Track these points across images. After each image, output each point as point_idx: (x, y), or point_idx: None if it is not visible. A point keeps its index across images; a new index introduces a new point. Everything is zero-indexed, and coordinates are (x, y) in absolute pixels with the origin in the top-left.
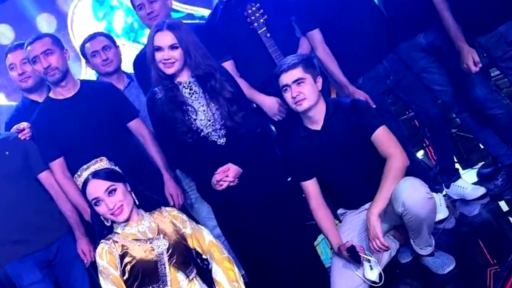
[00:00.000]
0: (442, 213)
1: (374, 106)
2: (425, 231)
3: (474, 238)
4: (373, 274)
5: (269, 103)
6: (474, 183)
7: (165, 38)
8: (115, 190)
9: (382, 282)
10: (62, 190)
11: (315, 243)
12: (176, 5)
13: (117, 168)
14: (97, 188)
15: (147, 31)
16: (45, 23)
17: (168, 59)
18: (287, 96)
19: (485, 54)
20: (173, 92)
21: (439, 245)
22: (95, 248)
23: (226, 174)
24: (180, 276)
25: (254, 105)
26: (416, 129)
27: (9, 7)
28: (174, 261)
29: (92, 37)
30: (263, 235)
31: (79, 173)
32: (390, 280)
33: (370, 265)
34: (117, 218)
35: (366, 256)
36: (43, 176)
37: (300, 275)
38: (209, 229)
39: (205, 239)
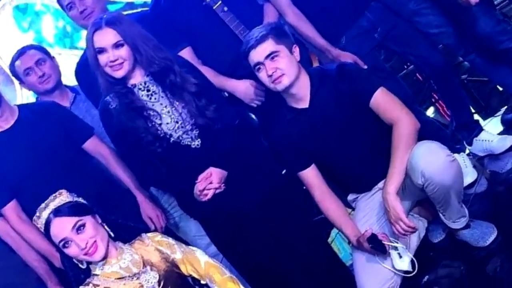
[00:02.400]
0: (469, 175)
1: (366, 67)
2: (454, 201)
3: None
4: (404, 263)
5: (242, 88)
6: (500, 133)
7: (106, 37)
8: (83, 225)
9: (416, 269)
10: (22, 237)
11: (329, 240)
12: None
13: (81, 200)
14: (62, 227)
15: (84, 33)
16: None
17: (115, 61)
18: (262, 75)
19: None
20: (128, 98)
21: (473, 213)
22: None
23: (209, 181)
24: None
25: (226, 94)
26: (420, 83)
27: None
28: None
29: (21, 53)
30: (266, 242)
31: (37, 214)
32: (425, 266)
33: (399, 253)
34: (92, 257)
35: (392, 244)
36: None
37: (319, 281)
38: (202, 249)
39: (200, 262)
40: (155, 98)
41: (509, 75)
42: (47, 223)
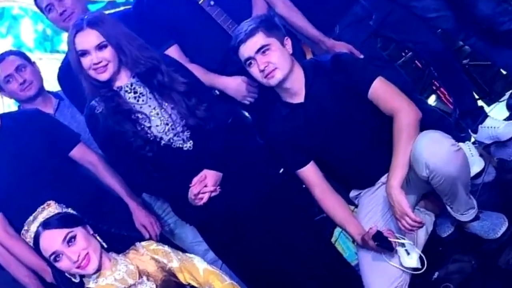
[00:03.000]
0: (476, 164)
1: (362, 57)
2: (461, 192)
3: None
4: (412, 260)
5: (234, 84)
6: (506, 119)
7: (89, 38)
8: (74, 237)
9: (425, 266)
10: (11, 253)
11: (333, 239)
12: None
13: (70, 210)
14: (52, 240)
15: (65, 35)
16: None
17: (99, 63)
18: (254, 70)
19: None
20: (115, 101)
21: (482, 204)
22: None
23: (204, 184)
24: None
25: (217, 92)
26: (420, 71)
27: None
28: None
29: (0, 60)
30: (267, 245)
31: (25, 227)
32: (435, 262)
33: (406, 250)
34: (85, 270)
35: (398, 240)
36: None
37: (324, 283)
38: (200, 256)
39: (199, 269)
40: (142, 100)
41: None
42: (36, 237)
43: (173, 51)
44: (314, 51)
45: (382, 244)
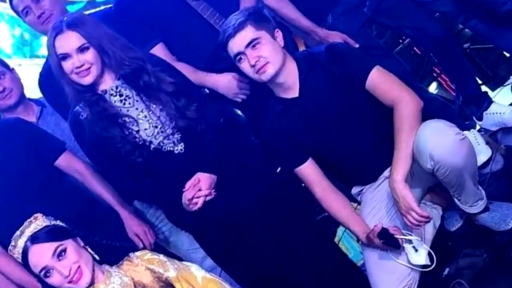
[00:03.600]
0: (483, 153)
1: (357, 46)
2: (469, 183)
3: None
4: (421, 257)
5: (224, 82)
6: None
7: (69, 41)
8: (64, 250)
9: (435, 263)
10: None
11: (336, 239)
12: None
13: (59, 223)
14: (41, 254)
15: (44, 39)
16: None
17: (81, 66)
18: (244, 66)
19: None
20: (100, 105)
21: (491, 194)
22: None
23: (198, 188)
24: None
25: (207, 91)
26: (419, 58)
27: None
28: None
29: None
30: (267, 249)
31: (13, 243)
32: (444, 257)
33: (414, 246)
34: (78, 285)
35: (405, 237)
36: None
37: (329, 285)
38: (198, 263)
39: (197, 277)
40: (129, 103)
41: None
42: (25, 252)
43: (159, 50)
44: (307, 42)
45: (388, 242)
